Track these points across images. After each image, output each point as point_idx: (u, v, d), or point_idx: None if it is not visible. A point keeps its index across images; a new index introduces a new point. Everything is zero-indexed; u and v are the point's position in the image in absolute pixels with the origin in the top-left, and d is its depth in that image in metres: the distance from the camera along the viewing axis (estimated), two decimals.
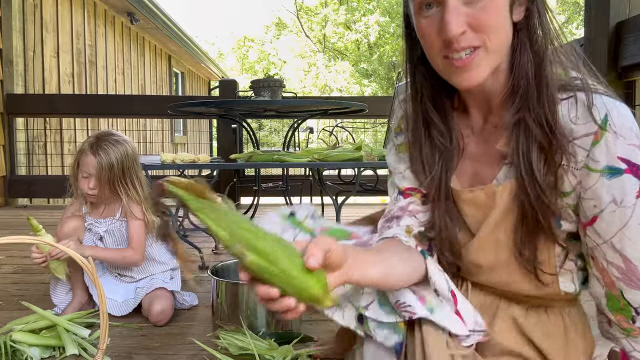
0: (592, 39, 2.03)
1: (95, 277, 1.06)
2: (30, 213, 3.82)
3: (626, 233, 0.69)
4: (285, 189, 3.42)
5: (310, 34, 21.09)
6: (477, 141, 0.83)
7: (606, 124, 0.68)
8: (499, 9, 0.70)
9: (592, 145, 0.69)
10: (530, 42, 0.73)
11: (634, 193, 0.68)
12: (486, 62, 0.72)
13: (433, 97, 0.83)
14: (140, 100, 4.82)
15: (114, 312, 1.61)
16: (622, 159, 0.68)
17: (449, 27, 0.68)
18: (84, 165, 1.60)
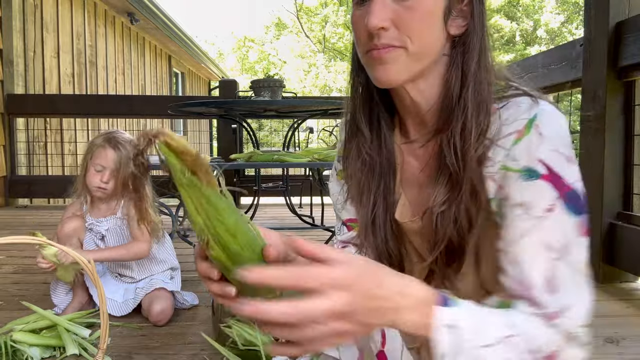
0: (592, 39, 2.03)
1: (96, 277, 1.07)
2: (31, 213, 3.83)
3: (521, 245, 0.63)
4: (285, 189, 3.42)
5: (310, 34, 21.09)
6: (420, 166, 0.78)
7: (532, 124, 0.64)
8: (427, 12, 0.66)
9: (513, 143, 0.64)
10: (463, 59, 0.69)
11: (545, 204, 0.62)
12: (404, 64, 0.67)
13: (366, 110, 0.78)
14: (140, 101, 4.82)
15: (114, 313, 1.61)
16: (542, 162, 0.62)
17: (370, 18, 0.65)
18: (100, 158, 1.61)
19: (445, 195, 0.69)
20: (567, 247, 0.62)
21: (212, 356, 1.31)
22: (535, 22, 17.91)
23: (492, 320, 0.60)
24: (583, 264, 0.64)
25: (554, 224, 0.62)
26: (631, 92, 1.95)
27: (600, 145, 1.97)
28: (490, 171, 0.66)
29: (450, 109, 0.69)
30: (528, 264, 0.63)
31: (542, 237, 0.62)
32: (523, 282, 0.63)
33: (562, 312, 0.63)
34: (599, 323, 1.57)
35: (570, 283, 0.64)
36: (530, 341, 0.60)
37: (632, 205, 1.98)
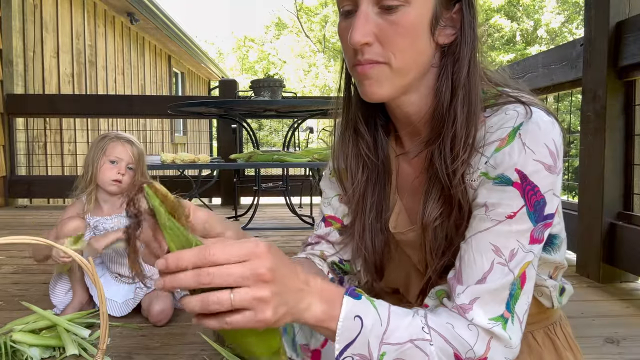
0: (592, 38, 2.03)
1: (96, 277, 1.06)
2: (30, 213, 3.82)
3: (472, 242, 0.64)
4: (285, 189, 3.42)
5: (310, 34, 21.09)
6: (414, 175, 0.77)
7: (516, 132, 0.62)
8: (411, 27, 0.64)
9: (495, 151, 0.63)
10: (452, 69, 0.67)
11: (508, 211, 0.62)
12: (389, 80, 0.66)
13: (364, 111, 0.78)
14: (140, 100, 4.81)
15: (114, 313, 1.61)
16: (518, 171, 0.62)
17: (352, 34, 0.64)
18: (116, 152, 1.63)
19: (439, 210, 0.69)
20: (514, 254, 0.63)
21: (212, 356, 1.31)
22: (536, 22, 17.91)
23: (404, 321, 0.61)
24: (519, 272, 0.63)
25: (510, 230, 0.62)
26: (631, 91, 1.95)
27: (601, 145, 1.97)
28: (470, 178, 0.66)
29: (441, 119, 0.68)
30: (471, 261, 0.64)
31: (494, 239, 0.63)
32: (460, 276, 0.64)
33: (471, 303, 0.63)
34: (598, 323, 1.57)
35: (496, 285, 0.62)
36: (445, 348, 0.61)
37: (632, 205, 1.98)
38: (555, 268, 0.77)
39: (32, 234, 1.01)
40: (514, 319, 0.63)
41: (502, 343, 0.62)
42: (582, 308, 1.69)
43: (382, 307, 0.61)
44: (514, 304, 0.63)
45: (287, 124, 4.97)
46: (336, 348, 0.59)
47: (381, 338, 0.59)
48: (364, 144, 0.78)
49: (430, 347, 0.60)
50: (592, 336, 1.45)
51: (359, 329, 0.59)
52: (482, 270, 0.63)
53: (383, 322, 0.60)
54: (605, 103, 1.95)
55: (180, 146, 9.21)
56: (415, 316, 0.62)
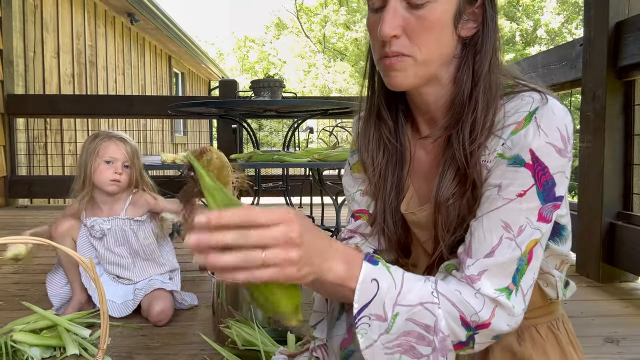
0: (592, 39, 2.03)
1: (95, 276, 1.07)
2: (31, 213, 3.83)
3: (484, 220, 0.68)
4: (285, 189, 3.42)
5: (310, 35, 21.09)
6: (430, 160, 0.82)
7: (532, 116, 0.67)
8: (437, 21, 0.68)
9: (511, 133, 0.68)
10: (474, 60, 0.72)
11: (518, 189, 0.66)
12: (413, 71, 0.71)
13: (387, 98, 0.83)
14: (140, 101, 4.81)
15: (113, 314, 1.61)
16: (531, 152, 0.66)
17: (381, 27, 0.68)
18: (109, 152, 1.62)
19: (453, 190, 0.73)
20: (522, 230, 0.66)
21: (212, 356, 1.32)
22: (535, 22, 17.90)
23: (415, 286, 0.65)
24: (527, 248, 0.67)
25: (520, 207, 0.66)
26: (631, 91, 1.95)
27: (600, 145, 1.98)
28: (485, 159, 0.70)
29: (461, 107, 0.72)
30: (481, 237, 0.68)
31: (504, 216, 0.67)
32: (469, 250, 0.68)
33: (480, 275, 0.66)
34: (598, 322, 1.57)
35: (504, 259, 0.66)
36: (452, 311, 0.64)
37: (632, 205, 1.98)
38: (561, 262, 0.79)
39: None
40: (517, 292, 0.67)
41: (506, 311, 0.66)
42: (582, 308, 1.69)
43: (396, 272, 0.66)
44: (519, 278, 0.66)
45: (287, 124, 4.97)
46: (354, 307, 0.64)
47: (395, 300, 0.64)
48: (386, 129, 0.83)
49: (438, 310, 0.64)
50: (592, 336, 1.45)
51: (375, 290, 0.63)
52: (491, 245, 0.67)
53: (397, 285, 0.64)
54: (605, 103, 1.95)
55: (181, 146, 9.21)
56: (426, 282, 0.67)
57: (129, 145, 1.66)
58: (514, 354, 0.79)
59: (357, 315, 0.64)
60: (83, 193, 1.66)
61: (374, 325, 0.64)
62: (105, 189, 1.64)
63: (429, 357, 0.64)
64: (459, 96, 0.73)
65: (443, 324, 0.64)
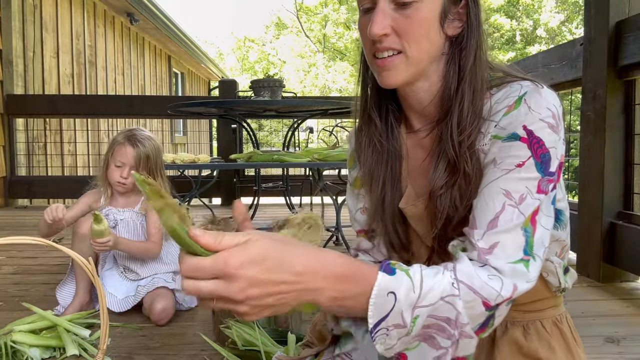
0: (592, 38, 2.03)
1: (95, 277, 1.06)
2: (30, 214, 3.82)
3: (484, 192, 0.70)
4: (285, 189, 3.42)
5: (310, 34, 21.09)
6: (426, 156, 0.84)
7: (521, 99, 0.70)
8: (424, 20, 0.72)
9: (503, 115, 0.71)
10: (459, 56, 0.76)
11: (516, 161, 0.68)
12: (404, 68, 0.75)
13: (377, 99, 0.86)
14: (140, 101, 4.81)
15: (114, 308, 1.62)
16: (525, 127, 0.68)
17: (371, 26, 0.72)
18: (120, 155, 1.69)
19: (445, 180, 0.75)
20: (524, 198, 0.68)
21: (212, 356, 1.31)
22: (535, 21, 17.90)
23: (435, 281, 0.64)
24: (529, 216, 0.68)
25: (519, 177, 0.68)
26: (631, 91, 1.95)
27: (601, 145, 1.97)
28: (482, 144, 0.73)
29: (449, 100, 0.76)
30: (483, 206, 0.69)
31: (504, 185, 0.68)
32: (474, 222, 0.69)
33: (491, 248, 0.67)
34: (599, 322, 1.57)
35: (510, 225, 0.67)
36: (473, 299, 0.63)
37: (632, 204, 1.98)
38: (561, 249, 0.81)
39: (32, 235, 1.01)
40: (533, 260, 0.67)
41: (524, 279, 0.66)
42: (582, 307, 1.69)
43: (415, 273, 0.64)
44: (530, 249, 0.67)
45: (287, 124, 4.97)
46: (369, 323, 0.62)
47: (415, 303, 0.62)
48: (375, 130, 0.86)
49: (459, 302, 0.63)
50: (593, 335, 1.45)
51: (392, 303, 0.62)
52: (494, 211, 0.68)
53: (416, 288, 0.63)
54: (605, 102, 1.95)
55: (180, 146, 9.21)
56: (445, 272, 0.65)
57: (141, 150, 1.70)
58: (520, 348, 0.80)
59: (374, 330, 0.62)
60: (104, 184, 1.74)
61: (392, 334, 0.63)
62: (114, 187, 1.73)
63: (448, 350, 0.64)
64: (446, 90, 0.77)
65: (463, 314, 0.63)
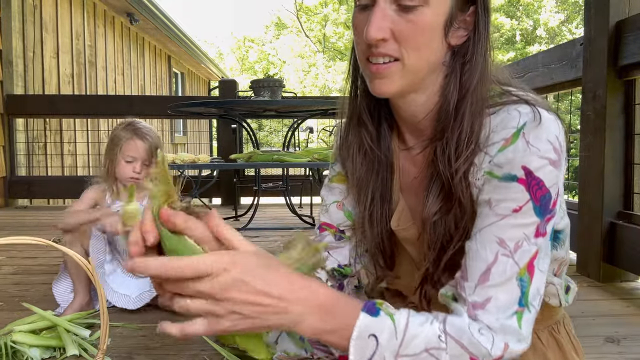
0: (592, 38, 2.03)
1: (95, 277, 1.06)
2: (30, 214, 3.82)
3: (477, 237, 0.64)
4: (285, 189, 3.42)
5: (310, 34, 21.09)
6: (418, 173, 0.78)
7: (519, 132, 0.63)
8: (427, 26, 0.65)
9: (499, 151, 0.64)
10: (462, 70, 0.69)
11: (513, 205, 0.62)
12: (399, 77, 0.68)
13: (369, 102, 0.79)
14: (140, 101, 4.81)
15: (131, 306, 1.62)
16: (524, 167, 0.62)
17: (368, 29, 0.65)
18: (131, 150, 1.67)
19: (438, 206, 0.70)
20: (519, 246, 0.63)
21: (212, 356, 1.31)
22: (535, 21, 17.91)
23: (422, 330, 0.60)
24: (526, 264, 0.63)
25: (515, 223, 0.63)
26: (631, 91, 1.95)
27: (601, 145, 1.97)
28: (474, 177, 0.67)
29: (447, 118, 0.69)
30: (475, 255, 0.64)
31: (498, 232, 0.63)
32: (465, 273, 0.65)
33: (484, 303, 0.62)
34: (599, 322, 1.57)
35: (503, 279, 0.62)
36: (461, 354, 0.60)
37: (632, 204, 1.98)
38: (559, 265, 0.78)
39: (32, 235, 1.01)
40: (527, 312, 0.63)
41: (516, 337, 0.62)
42: (583, 307, 1.69)
43: (400, 318, 0.60)
44: (526, 299, 0.63)
45: (287, 124, 4.97)
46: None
47: (397, 351, 0.59)
48: (367, 134, 0.79)
49: (445, 356, 0.60)
50: (593, 335, 1.45)
51: (374, 348, 0.58)
52: (486, 262, 0.63)
53: (399, 334, 0.59)
54: (605, 102, 1.94)
55: (180, 146, 9.21)
56: (434, 322, 0.61)
57: (149, 143, 1.69)
58: None
59: None
60: (109, 181, 1.71)
61: None
62: (125, 183, 1.71)
63: None
64: (445, 106, 0.70)
65: None
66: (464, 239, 0.68)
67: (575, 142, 6.44)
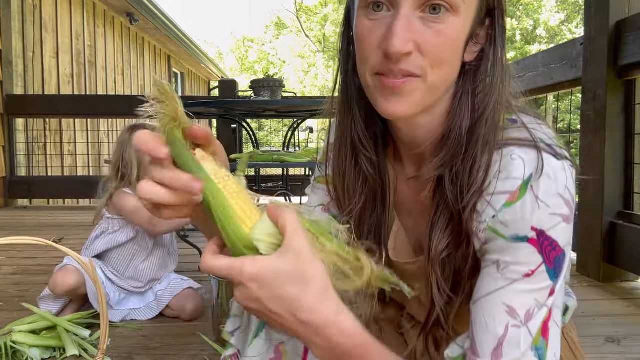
0: (592, 37, 2.03)
1: (95, 278, 1.06)
2: (30, 214, 3.82)
3: (484, 304, 0.58)
4: (285, 189, 3.42)
5: (310, 34, 21.09)
6: (415, 200, 0.71)
7: (527, 185, 0.56)
8: (454, 39, 0.57)
9: (505, 206, 0.57)
10: (474, 90, 0.62)
11: (524, 270, 0.56)
12: (420, 96, 0.59)
13: (366, 119, 0.69)
14: (140, 101, 4.79)
15: (141, 317, 1.63)
16: (534, 228, 0.56)
17: (393, 41, 0.55)
18: None
19: (446, 242, 0.63)
20: (532, 314, 0.57)
21: (212, 356, 1.31)
22: (535, 21, 17.91)
23: None
24: (540, 329, 0.57)
25: (527, 289, 0.57)
26: (631, 90, 1.95)
27: (601, 144, 1.97)
28: (477, 227, 0.60)
29: (458, 146, 0.61)
30: (483, 326, 0.58)
31: (508, 299, 0.57)
32: (474, 346, 0.58)
33: None
34: (599, 322, 1.57)
35: (517, 354, 0.56)
36: None
37: (632, 204, 1.97)
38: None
39: (32, 235, 1.01)
40: None
41: None
42: (583, 307, 1.69)
43: None
44: None
45: (287, 124, 4.97)
46: None
47: None
48: (366, 160, 0.69)
49: None
50: (593, 335, 1.45)
51: None
52: (497, 336, 0.57)
53: None
54: (605, 102, 1.94)
55: None
56: None
57: None
58: None
59: None
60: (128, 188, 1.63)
61: None
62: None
63: None
64: (455, 131, 0.61)
65: None
66: (474, 277, 0.63)
67: (575, 142, 6.44)
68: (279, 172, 3.94)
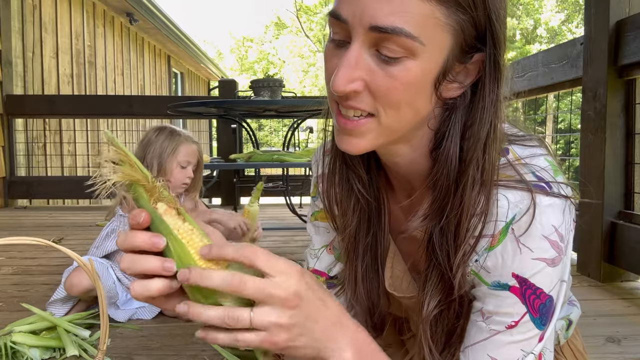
0: (592, 37, 2.02)
1: (95, 277, 1.06)
2: (30, 214, 3.82)
3: (470, 354, 0.57)
4: (285, 189, 3.42)
5: (310, 34, 21.09)
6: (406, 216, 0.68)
7: (508, 228, 0.53)
8: (412, 84, 0.51)
9: (486, 250, 0.55)
10: (463, 130, 0.56)
11: (507, 320, 0.54)
12: (374, 136, 0.55)
13: None
14: (139, 101, 4.81)
15: (146, 316, 1.61)
16: (516, 275, 0.53)
17: (335, 79, 0.51)
18: (189, 155, 1.62)
19: (438, 297, 0.61)
20: None
21: (212, 357, 1.31)
22: (536, 20, 17.91)
23: None
24: None
25: (511, 340, 0.55)
26: (632, 90, 1.95)
27: (601, 144, 1.97)
28: (463, 271, 0.58)
29: (445, 195, 0.57)
30: None
31: (493, 352, 0.56)
32: None
33: None
34: (599, 322, 1.57)
35: None
36: None
37: (633, 204, 1.97)
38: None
39: (31, 235, 1.01)
40: None
41: None
42: (583, 307, 1.67)
43: None
44: None
45: (286, 124, 4.96)
46: None
47: None
48: (357, 179, 0.66)
49: None
50: (594, 335, 1.45)
51: None
52: None
53: None
54: (606, 102, 1.94)
55: None
56: None
57: (199, 147, 1.66)
58: None
59: None
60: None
61: None
62: (175, 190, 1.64)
63: None
64: (442, 179, 0.56)
65: None
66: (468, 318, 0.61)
67: (575, 142, 6.44)
68: (279, 172, 3.94)
